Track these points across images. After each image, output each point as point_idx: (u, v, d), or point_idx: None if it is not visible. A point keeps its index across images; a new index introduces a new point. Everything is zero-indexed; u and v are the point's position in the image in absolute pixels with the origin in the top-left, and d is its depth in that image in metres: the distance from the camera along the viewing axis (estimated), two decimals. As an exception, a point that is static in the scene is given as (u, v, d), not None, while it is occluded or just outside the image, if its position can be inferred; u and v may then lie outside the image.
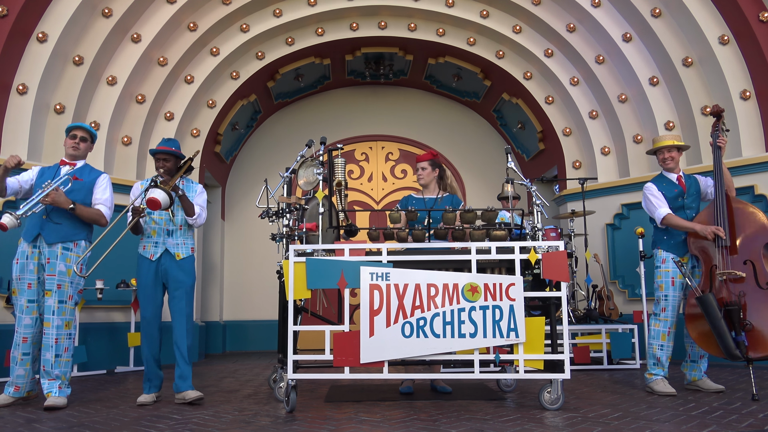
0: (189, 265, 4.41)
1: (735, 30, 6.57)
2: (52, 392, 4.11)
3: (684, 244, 4.50)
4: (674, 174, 4.65)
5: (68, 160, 4.40)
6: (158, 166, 4.38)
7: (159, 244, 4.34)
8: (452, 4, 7.57)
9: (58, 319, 4.14)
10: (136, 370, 6.41)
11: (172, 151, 4.39)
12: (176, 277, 4.32)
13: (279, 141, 9.16)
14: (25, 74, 6.17)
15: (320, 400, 4.29)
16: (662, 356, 4.44)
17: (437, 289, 3.79)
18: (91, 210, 4.32)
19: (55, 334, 4.13)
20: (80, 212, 4.22)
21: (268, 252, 8.61)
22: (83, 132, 4.42)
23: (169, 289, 4.35)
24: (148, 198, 3.97)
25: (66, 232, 4.22)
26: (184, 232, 4.43)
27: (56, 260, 4.18)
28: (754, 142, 6.47)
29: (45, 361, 4.11)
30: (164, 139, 4.49)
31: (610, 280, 7.32)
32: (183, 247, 4.39)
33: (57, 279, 4.16)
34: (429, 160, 4.79)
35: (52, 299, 4.14)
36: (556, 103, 7.93)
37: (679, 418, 3.44)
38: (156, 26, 6.93)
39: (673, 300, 4.46)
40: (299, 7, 7.52)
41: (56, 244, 4.19)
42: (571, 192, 7.72)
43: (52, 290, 4.15)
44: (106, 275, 6.25)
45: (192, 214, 4.36)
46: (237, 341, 8.78)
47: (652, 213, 4.59)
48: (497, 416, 3.57)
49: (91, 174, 4.43)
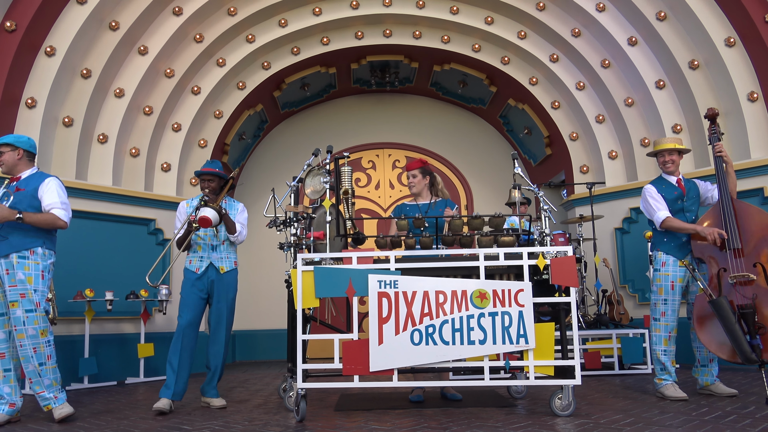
0: (232, 278, 4.70)
1: (741, 32, 6.55)
2: (51, 404, 4.03)
3: (685, 246, 4.44)
4: (674, 177, 4.62)
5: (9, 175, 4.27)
6: (204, 186, 4.64)
7: (204, 258, 4.60)
8: (457, 11, 7.59)
9: (31, 329, 3.99)
10: (146, 381, 6.42)
11: (216, 172, 4.63)
12: (220, 289, 4.60)
13: (286, 150, 9.18)
14: (33, 88, 6.22)
15: (330, 409, 4.28)
16: (666, 361, 4.39)
17: (446, 296, 3.78)
18: (42, 216, 4.09)
19: (31, 344, 3.98)
20: (30, 220, 4.03)
21: (277, 261, 8.62)
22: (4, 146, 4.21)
23: (213, 301, 4.62)
24: (201, 217, 4.26)
25: (18, 242, 4.06)
26: (227, 246, 4.71)
27: (14, 270, 4.02)
28: (763, 144, 6.43)
29: (30, 373, 4.00)
30: (208, 161, 4.79)
31: (619, 284, 7.28)
32: (227, 261, 4.68)
33: (19, 288, 4.01)
34: (419, 168, 4.84)
35: (20, 309, 3.98)
36: (562, 108, 7.92)
37: (692, 423, 3.40)
38: (162, 38, 6.98)
39: (673, 304, 4.41)
40: (304, 16, 7.56)
41: (10, 255, 4.05)
42: (579, 197, 7.70)
43: (17, 300, 4.00)
44: (116, 287, 6.28)
45: (233, 232, 4.63)
46: (246, 351, 8.78)
47: (651, 215, 4.54)
48: (508, 423, 3.55)
49: (34, 181, 4.22)
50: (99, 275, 6.40)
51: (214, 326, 4.61)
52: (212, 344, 4.61)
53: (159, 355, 6.53)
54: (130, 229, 6.87)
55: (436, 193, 4.87)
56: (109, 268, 6.55)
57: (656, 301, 4.48)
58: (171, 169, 7.34)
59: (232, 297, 4.66)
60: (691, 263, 4.44)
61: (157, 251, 6.93)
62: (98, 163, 6.70)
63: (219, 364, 4.59)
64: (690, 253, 4.46)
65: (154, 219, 7.04)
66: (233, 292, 4.67)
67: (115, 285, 6.33)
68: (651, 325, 4.52)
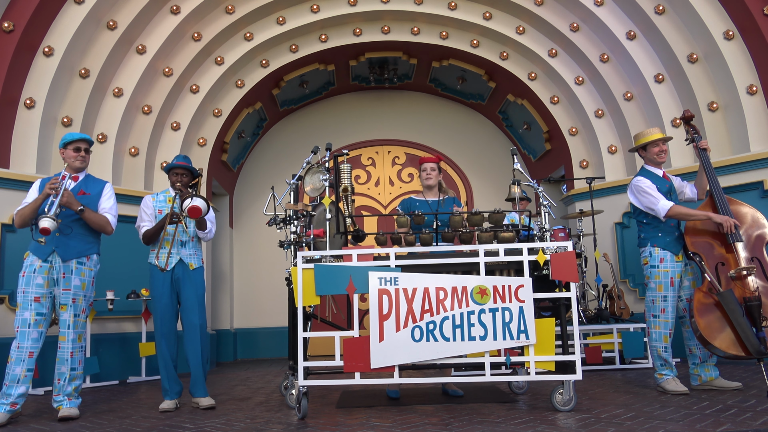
0: (200, 276, 4.56)
1: (740, 25, 6.53)
2: (63, 404, 4.13)
3: (680, 239, 4.43)
4: (660, 170, 4.60)
5: (72, 173, 4.36)
6: (175, 180, 4.54)
7: (173, 254, 4.46)
8: (455, 7, 7.58)
9: (73, 333, 4.17)
10: (148, 379, 6.42)
11: (189, 166, 4.58)
12: (188, 287, 4.47)
13: (285, 148, 9.18)
14: (32, 88, 6.22)
15: (332, 406, 4.28)
16: (668, 357, 4.39)
17: (446, 293, 3.79)
18: (98, 215, 4.30)
19: (70, 348, 4.16)
20: (88, 216, 4.20)
21: (277, 259, 8.62)
22: (87, 143, 4.39)
23: (182, 300, 4.49)
24: (192, 206, 4.14)
25: (80, 248, 4.24)
26: (195, 243, 4.61)
27: (71, 275, 4.18)
28: (762, 137, 6.42)
29: (60, 374, 4.14)
30: (180, 155, 4.67)
31: (620, 279, 7.28)
32: (195, 258, 4.57)
33: (72, 293, 4.18)
34: (436, 163, 4.90)
35: (68, 313, 4.15)
36: (561, 103, 7.91)
37: (693, 417, 3.41)
38: (161, 37, 6.97)
39: (672, 300, 4.40)
40: (302, 14, 7.55)
41: (71, 260, 4.20)
42: (579, 192, 7.69)
43: (68, 305, 4.16)
44: (117, 286, 6.29)
45: (204, 228, 4.54)
46: (248, 349, 8.79)
47: (652, 207, 4.39)
48: (509, 419, 3.56)
49: (95, 185, 4.43)
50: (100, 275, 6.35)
51: (187, 324, 4.46)
52: (188, 344, 4.44)
53: (160, 354, 6.53)
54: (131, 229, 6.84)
55: (441, 190, 4.92)
56: (110, 267, 6.53)
57: (655, 298, 4.45)
58: (170, 168, 7.33)
59: (201, 293, 4.52)
60: (683, 258, 4.43)
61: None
62: (98, 163, 6.69)
63: (199, 363, 4.43)
64: (683, 248, 4.43)
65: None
66: (202, 289, 4.54)
67: (116, 284, 6.33)
68: (650, 322, 4.49)
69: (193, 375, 4.47)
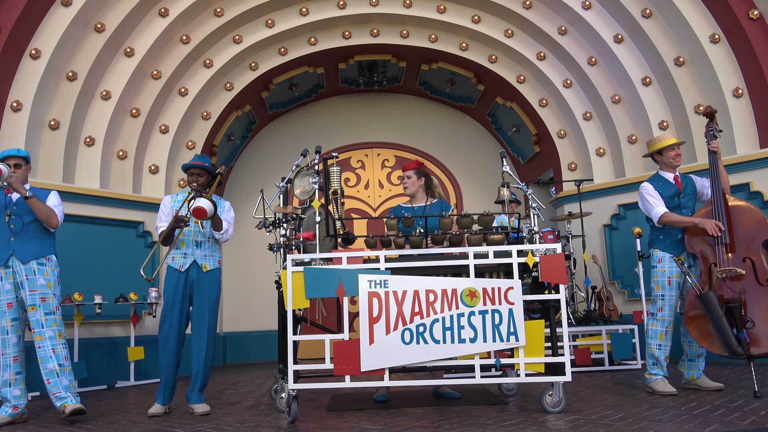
0: (215, 277, 4.52)
1: (726, 28, 6.60)
2: (68, 401, 4.11)
3: (681, 242, 4.50)
4: (671, 174, 4.65)
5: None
6: (191, 180, 4.48)
7: (188, 255, 4.44)
8: (444, 10, 7.60)
9: (50, 330, 4.14)
10: (136, 384, 6.38)
11: (205, 166, 4.51)
12: (202, 289, 4.43)
13: (274, 151, 9.16)
14: (18, 91, 6.17)
15: (322, 409, 4.27)
16: (660, 356, 4.44)
17: (436, 295, 3.79)
18: (45, 205, 4.24)
19: (50, 345, 4.13)
20: (34, 203, 4.15)
21: (266, 262, 8.59)
22: (16, 159, 4.29)
23: (195, 301, 4.45)
24: (195, 207, 4.09)
25: (37, 250, 4.23)
26: (212, 244, 4.55)
27: (34, 276, 4.18)
28: (749, 140, 6.49)
29: (48, 373, 4.10)
30: (197, 155, 4.63)
31: (609, 280, 7.32)
32: (211, 259, 4.51)
33: (39, 293, 4.17)
34: (414, 169, 4.82)
35: (38, 313, 4.14)
36: (550, 106, 7.95)
37: (681, 418, 3.43)
38: (149, 40, 6.94)
39: (670, 299, 4.46)
40: (291, 17, 7.55)
41: (30, 261, 4.20)
42: (568, 194, 7.73)
43: (36, 304, 4.15)
44: (105, 290, 6.25)
45: (220, 229, 4.46)
46: (237, 353, 8.76)
47: (649, 212, 4.57)
48: (499, 421, 3.56)
49: (41, 194, 4.35)
50: (88, 279, 6.35)
51: (195, 327, 4.43)
52: (194, 346, 4.41)
53: (149, 359, 6.49)
54: (119, 232, 6.83)
55: (432, 194, 4.85)
56: (98, 271, 6.50)
57: (654, 297, 4.54)
58: (159, 171, 7.30)
59: (214, 297, 4.47)
60: (685, 259, 4.49)
61: (145, 254, 6.88)
62: (85, 166, 6.65)
63: (201, 368, 4.38)
64: (684, 250, 4.51)
65: (143, 221, 7.00)
66: (216, 292, 4.48)
67: (104, 288, 6.29)
68: (647, 320, 4.56)
69: (192, 379, 4.43)
